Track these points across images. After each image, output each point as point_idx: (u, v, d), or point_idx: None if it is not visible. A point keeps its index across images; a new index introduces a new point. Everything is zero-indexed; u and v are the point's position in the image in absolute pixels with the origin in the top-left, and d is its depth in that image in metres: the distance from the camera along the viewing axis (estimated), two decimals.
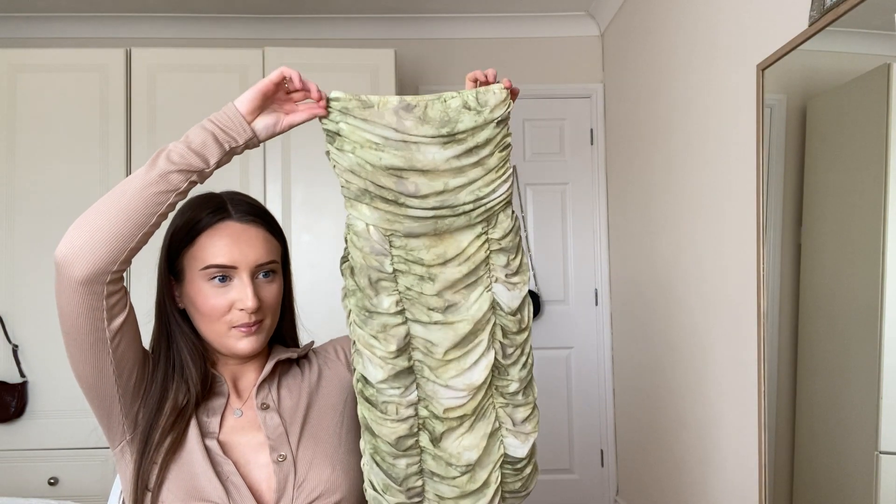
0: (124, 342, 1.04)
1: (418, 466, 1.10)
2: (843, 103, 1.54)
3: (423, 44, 3.54)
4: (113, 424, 1.09)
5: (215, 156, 1.00)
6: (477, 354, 1.07)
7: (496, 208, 1.05)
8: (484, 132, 1.02)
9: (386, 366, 1.05)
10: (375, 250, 1.02)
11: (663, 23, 2.68)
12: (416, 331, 1.06)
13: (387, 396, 1.06)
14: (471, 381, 1.07)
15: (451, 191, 1.01)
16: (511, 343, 1.09)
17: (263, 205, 1.22)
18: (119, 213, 0.96)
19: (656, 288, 2.82)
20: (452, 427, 1.08)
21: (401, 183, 1.00)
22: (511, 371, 1.10)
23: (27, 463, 2.64)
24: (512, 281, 1.07)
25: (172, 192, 0.98)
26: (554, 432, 3.57)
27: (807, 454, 1.69)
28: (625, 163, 3.25)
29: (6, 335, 2.64)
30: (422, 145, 1.00)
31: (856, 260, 1.48)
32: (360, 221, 1.02)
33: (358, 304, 1.05)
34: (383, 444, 1.08)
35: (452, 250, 1.04)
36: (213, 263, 1.08)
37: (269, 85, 1.02)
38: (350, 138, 1.00)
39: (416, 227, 1.02)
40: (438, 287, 1.04)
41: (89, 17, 3.36)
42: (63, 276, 0.96)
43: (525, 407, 1.12)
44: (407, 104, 1.00)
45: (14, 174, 2.68)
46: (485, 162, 1.03)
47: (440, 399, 1.07)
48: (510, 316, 1.08)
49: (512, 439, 1.12)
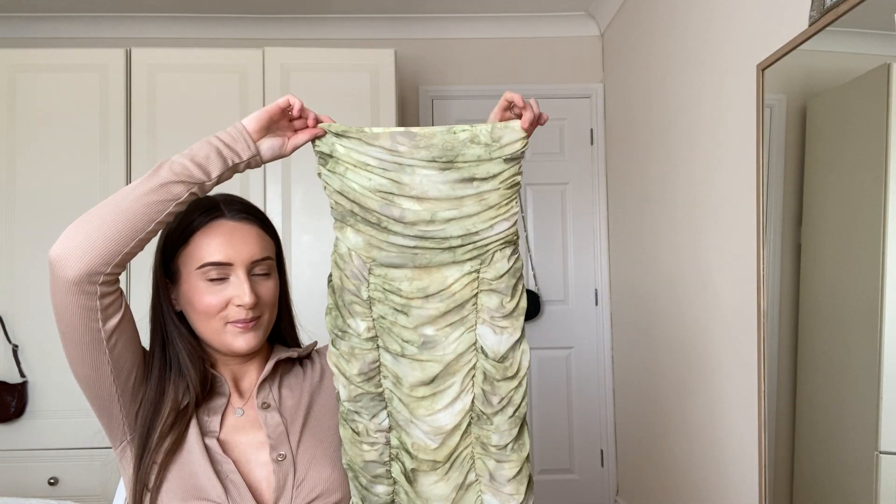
0: (121, 343, 1.04)
1: (391, 497, 1.06)
2: (843, 103, 1.54)
3: (423, 44, 3.54)
4: (113, 425, 1.10)
5: (217, 169, 1.02)
6: (448, 398, 1.01)
7: (491, 247, 1.00)
8: (488, 165, 0.98)
9: (350, 386, 1.05)
10: (354, 275, 1.02)
11: (663, 23, 2.68)
12: (386, 360, 1.05)
13: (357, 417, 1.06)
14: (439, 424, 1.02)
15: (438, 222, 0.98)
16: (493, 391, 1.01)
17: (261, 207, 1.23)
18: (117, 218, 0.97)
19: (656, 288, 2.82)
20: (424, 470, 1.03)
21: (387, 206, 0.99)
22: (495, 420, 1.01)
23: (27, 463, 2.64)
24: (500, 325, 1.01)
25: (172, 201, 0.99)
26: (554, 432, 3.58)
27: (807, 454, 1.69)
28: (625, 163, 3.25)
29: (6, 335, 2.64)
30: (416, 168, 0.97)
31: (856, 260, 1.48)
32: (343, 244, 1.03)
33: (333, 323, 1.07)
34: (357, 465, 1.07)
35: (436, 286, 1.01)
36: (208, 261, 1.09)
37: (275, 108, 1.05)
38: (343, 160, 1.01)
39: (395, 258, 1.00)
40: (414, 321, 1.01)
41: (89, 17, 3.36)
42: (56, 276, 0.97)
43: (511, 464, 1.02)
44: (409, 132, 0.98)
45: (14, 174, 2.68)
46: (485, 196, 0.99)
47: (411, 433, 1.03)
48: (494, 362, 1.01)
49: (490, 497, 1.03)
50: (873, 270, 1.42)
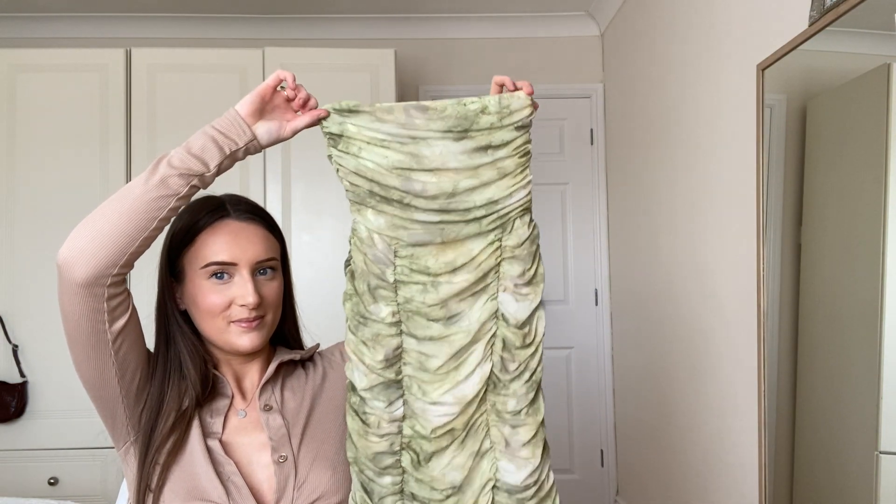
0: (126, 344, 1.04)
1: (399, 486, 1.05)
2: (843, 103, 1.54)
3: (423, 44, 3.54)
4: (117, 426, 1.10)
5: (215, 159, 1.00)
6: (471, 366, 1.02)
7: (512, 214, 1.01)
8: (501, 133, 0.99)
9: (371, 375, 1.02)
10: (378, 259, 0.99)
11: (663, 23, 2.68)
12: (410, 344, 1.02)
13: (369, 407, 1.03)
14: (463, 393, 1.01)
15: (461, 193, 0.98)
16: (513, 357, 1.02)
17: (262, 206, 1.22)
18: (120, 217, 0.96)
19: (656, 288, 2.82)
20: (442, 447, 1.02)
21: (407, 182, 0.97)
22: (512, 386, 1.03)
23: (27, 463, 2.64)
24: (522, 292, 1.02)
25: (173, 196, 0.98)
26: (554, 432, 3.57)
27: (807, 454, 1.69)
28: (625, 163, 3.25)
29: (6, 335, 2.64)
30: (430, 140, 0.97)
31: (856, 260, 1.48)
32: (363, 227, 1.00)
33: (354, 309, 1.03)
34: (363, 458, 1.05)
35: (462, 258, 1.00)
36: (213, 261, 1.09)
37: (266, 88, 1.03)
38: (355, 138, 0.98)
39: (422, 235, 0.98)
40: (443, 296, 1.00)
41: (89, 17, 3.36)
42: (64, 279, 0.96)
43: (527, 428, 1.03)
44: (421, 105, 0.97)
45: (14, 174, 2.68)
46: (500, 164, 0.99)
47: (429, 417, 1.02)
48: (515, 329, 1.02)
49: (505, 463, 1.04)
50: (873, 270, 1.42)
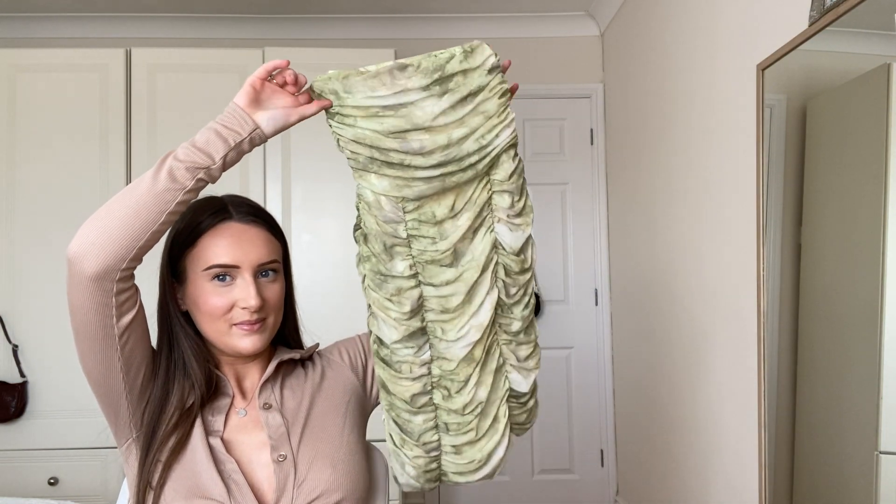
0: (132, 339, 1.05)
1: (434, 422, 1.14)
2: (843, 103, 1.54)
3: (423, 44, 3.54)
4: (120, 422, 1.11)
5: (220, 151, 1.01)
6: (481, 296, 1.11)
7: (500, 153, 1.07)
8: (474, 78, 1.04)
9: (400, 327, 1.09)
10: (388, 218, 1.05)
11: (663, 23, 2.68)
12: (429, 291, 1.10)
13: (400, 356, 1.11)
14: (479, 321, 1.11)
15: (455, 143, 1.03)
16: (514, 283, 1.12)
17: (263, 207, 1.23)
18: (128, 211, 0.97)
19: (656, 288, 2.82)
20: (469, 374, 1.13)
21: (405, 143, 1.02)
22: (514, 310, 1.13)
23: (27, 463, 2.64)
24: (515, 222, 1.10)
25: (180, 189, 0.99)
26: (554, 432, 3.58)
27: (807, 454, 1.69)
28: (625, 163, 3.25)
29: (6, 335, 2.64)
30: (419, 102, 1.02)
31: (856, 260, 1.48)
32: (368, 191, 1.04)
33: (373, 269, 1.08)
34: (399, 402, 1.13)
35: (461, 201, 1.08)
36: (215, 263, 1.09)
37: (255, 79, 1.04)
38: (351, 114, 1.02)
39: (426, 189, 1.05)
40: (452, 241, 1.08)
41: (89, 17, 3.36)
42: (74, 273, 0.97)
43: (528, 345, 1.17)
44: (401, 65, 1.02)
45: (14, 174, 2.68)
46: (483, 108, 1.05)
47: (451, 354, 1.12)
48: (513, 256, 1.11)
49: (515, 375, 1.17)
50: (873, 270, 1.42)
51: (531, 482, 3.57)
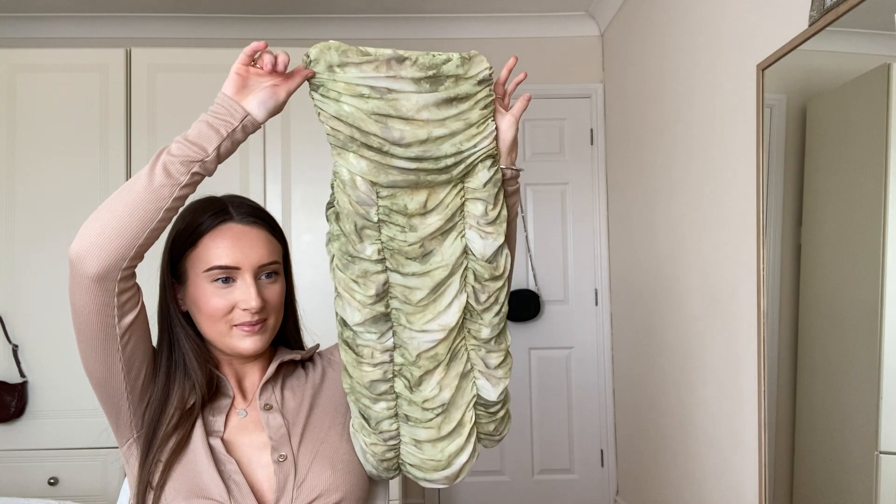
0: (134, 339, 1.05)
1: (394, 411, 1.13)
2: (843, 103, 1.54)
3: (423, 44, 3.54)
4: (121, 423, 1.11)
5: (212, 142, 1.01)
6: (449, 298, 1.11)
7: (476, 161, 1.09)
8: (464, 86, 1.07)
9: (364, 309, 1.09)
10: (361, 200, 1.05)
11: (663, 23, 2.68)
12: (395, 279, 1.10)
13: (363, 340, 1.10)
14: (446, 322, 1.11)
15: (433, 140, 1.05)
16: (484, 289, 1.12)
17: (264, 207, 1.23)
18: (126, 209, 0.97)
19: (656, 288, 2.82)
20: (429, 370, 1.12)
21: (386, 130, 1.03)
22: (484, 316, 1.14)
23: (27, 463, 2.64)
24: (486, 230, 1.11)
25: (175, 185, 0.99)
26: (554, 432, 3.58)
27: (807, 454, 1.69)
28: (625, 163, 3.25)
29: (6, 335, 2.64)
30: (407, 93, 1.04)
31: (856, 260, 1.49)
32: (345, 170, 1.05)
33: (342, 249, 1.08)
34: (359, 387, 1.12)
35: (433, 201, 1.09)
36: (216, 265, 1.09)
37: (239, 65, 1.05)
38: (336, 89, 1.03)
39: (400, 180, 1.06)
40: (421, 235, 1.09)
41: (89, 17, 3.36)
42: (76, 273, 0.97)
43: (498, 353, 1.16)
44: (399, 56, 1.03)
45: (14, 174, 2.68)
46: (465, 116, 1.07)
47: (415, 345, 1.11)
48: (483, 262, 1.11)
49: (484, 381, 1.17)
50: (873, 270, 1.42)
51: (531, 482, 3.57)
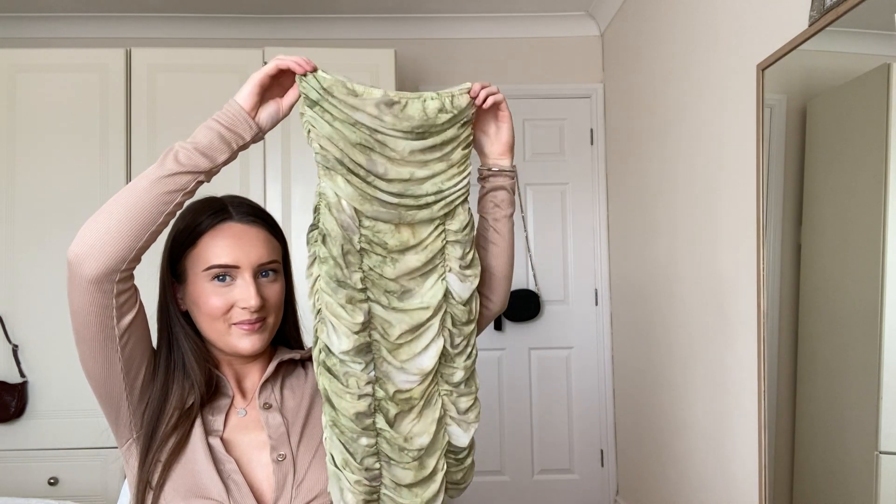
0: (133, 340, 1.05)
1: (376, 448, 1.12)
2: (843, 103, 1.54)
3: (423, 44, 3.54)
4: (121, 423, 1.11)
5: (223, 155, 1.02)
6: (427, 340, 1.11)
7: (456, 202, 1.10)
8: (451, 130, 1.08)
9: (352, 336, 1.07)
10: (346, 224, 1.05)
11: (663, 23, 2.68)
12: (377, 310, 1.09)
13: (349, 368, 1.08)
14: (421, 366, 1.11)
15: (416, 180, 1.06)
16: (459, 333, 1.13)
17: (263, 207, 1.23)
18: (128, 212, 0.97)
19: (656, 288, 2.82)
20: (404, 410, 1.11)
21: (371, 162, 1.04)
22: (458, 360, 1.14)
23: (27, 463, 2.64)
24: (465, 273, 1.12)
25: (180, 191, 1.00)
26: (554, 432, 3.58)
27: (807, 454, 1.69)
28: (625, 163, 3.25)
29: (6, 335, 2.64)
30: (396, 138, 1.05)
31: (856, 260, 1.48)
32: (332, 192, 1.04)
33: (329, 273, 1.06)
34: (343, 419, 1.09)
35: (414, 240, 1.09)
36: (215, 263, 1.09)
37: (265, 78, 1.05)
38: (329, 112, 1.03)
39: (383, 213, 1.06)
40: (399, 271, 1.08)
41: (89, 17, 3.36)
42: (75, 275, 0.97)
43: (468, 397, 1.16)
44: (389, 99, 1.03)
45: (14, 174, 2.68)
46: (448, 157, 1.09)
47: (394, 380, 1.10)
48: (461, 306, 1.12)
49: (455, 428, 1.16)
50: (873, 270, 1.42)
51: (531, 482, 3.57)
